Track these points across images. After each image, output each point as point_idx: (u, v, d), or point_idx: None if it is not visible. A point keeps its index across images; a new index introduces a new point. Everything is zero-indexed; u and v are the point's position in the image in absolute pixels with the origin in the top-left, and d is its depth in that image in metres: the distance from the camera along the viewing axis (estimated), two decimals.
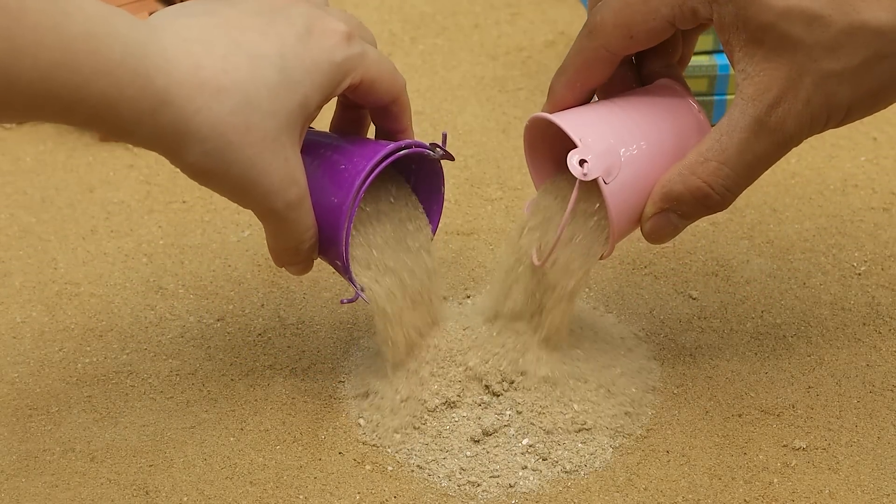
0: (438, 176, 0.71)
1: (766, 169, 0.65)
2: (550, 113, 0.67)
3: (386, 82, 0.66)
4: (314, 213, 0.65)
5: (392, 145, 0.66)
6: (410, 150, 0.67)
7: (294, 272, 0.69)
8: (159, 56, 0.57)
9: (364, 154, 0.66)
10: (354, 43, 0.64)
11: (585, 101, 0.69)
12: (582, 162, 0.64)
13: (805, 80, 0.61)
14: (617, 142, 0.65)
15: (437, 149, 0.69)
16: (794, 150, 0.94)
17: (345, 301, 0.69)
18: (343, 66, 0.63)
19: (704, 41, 0.94)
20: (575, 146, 0.64)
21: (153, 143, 0.59)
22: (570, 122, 0.65)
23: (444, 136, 0.69)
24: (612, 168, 0.64)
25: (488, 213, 0.88)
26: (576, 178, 0.64)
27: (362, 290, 0.68)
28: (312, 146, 0.67)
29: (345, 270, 0.67)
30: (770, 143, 0.63)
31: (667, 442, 0.70)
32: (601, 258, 0.68)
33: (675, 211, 0.66)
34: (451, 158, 0.69)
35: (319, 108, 0.63)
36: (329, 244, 0.66)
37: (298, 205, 0.64)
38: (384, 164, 0.65)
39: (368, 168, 0.65)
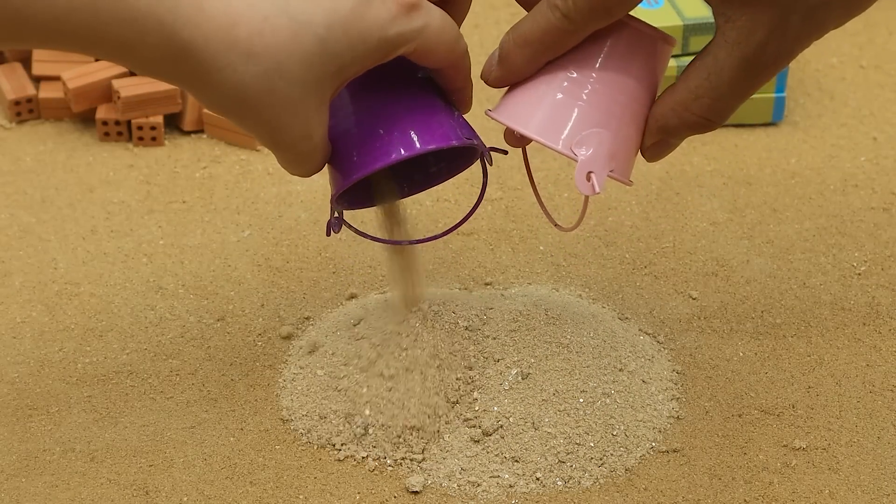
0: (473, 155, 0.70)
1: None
2: (501, 77, 0.65)
3: (442, 52, 0.62)
4: (334, 136, 0.63)
5: (433, 145, 0.63)
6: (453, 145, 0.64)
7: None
8: (193, 7, 0.55)
9: (405, 132, 0.63)
10: (417, 15, 0.60)
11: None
12: (588, 175, 0.63)
13: (792, 17, 0.60)
14: (598, 117, 0.64)
15: (481, 150, 0.67)
16: (794, 149, 0.94)
17: (332, 226, 0.68)
18: (394, 41, 0.59)
19: (704, 41, 0.93)
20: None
21: (171, 83, 0.59)
22: (548, 128, 0.64)
23: (504, 153, 0.69)
24: (612, 154, 0.64)
25: (488, 213, 0.88)
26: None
27: (339, 215, 0.67)
28: (370, 84, 0.64)
29: (331, 202, 0.66)
30: (761, 75, 0.63)
31: (667, 442, 0.70)
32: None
33: (672, 137, 0.65)
34: (491, 162, 0.68)
35: (358, 74, 0.61)
36: (334, 169, 0.65)
37: (309, 155, 0.62)
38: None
39: (394, 160, 0.63)
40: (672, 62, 0.93)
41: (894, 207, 0.89)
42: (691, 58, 1.00)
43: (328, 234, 0.68)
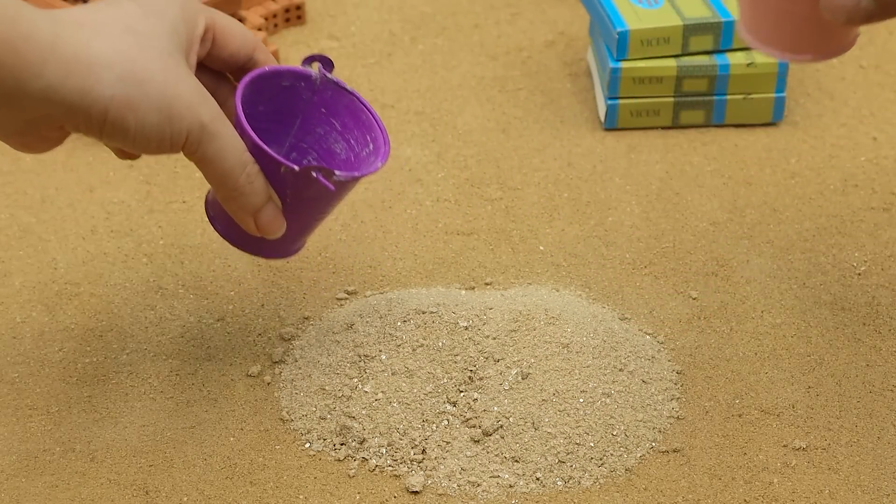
0: (354, 104, 0.72)
1: None
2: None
3: (238, 29, 0.69)
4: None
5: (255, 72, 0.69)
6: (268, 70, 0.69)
7: (271, 224, 0.68)
8: (33, 10, 0.61)
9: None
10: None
11: None
12: None
13: None
14: None
15: (316, 65, 0.71)
16: (794, 149, 0.94)
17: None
18: (190, 2, 0.66)
19: (704, 41, 0.94)
20: None
21: (66, 84, 0.61)
22: None
23: (329, 64, 0.71)
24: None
25: (488, 213, 0.88)
26: None
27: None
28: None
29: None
30: None
31: (667, 442, 0.70)
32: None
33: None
34: (332, 67, 0.71)
35: (190, 43, 0.66)
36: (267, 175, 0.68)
37: (223, 118, 0.65)
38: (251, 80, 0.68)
39: (240, 92, 0.67)
40: (672, 62, 0.93)
41: (894, 207, 0.89)
42: (691, 58, 1.01)
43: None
